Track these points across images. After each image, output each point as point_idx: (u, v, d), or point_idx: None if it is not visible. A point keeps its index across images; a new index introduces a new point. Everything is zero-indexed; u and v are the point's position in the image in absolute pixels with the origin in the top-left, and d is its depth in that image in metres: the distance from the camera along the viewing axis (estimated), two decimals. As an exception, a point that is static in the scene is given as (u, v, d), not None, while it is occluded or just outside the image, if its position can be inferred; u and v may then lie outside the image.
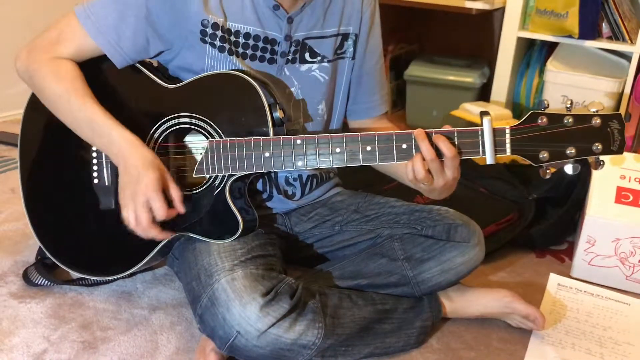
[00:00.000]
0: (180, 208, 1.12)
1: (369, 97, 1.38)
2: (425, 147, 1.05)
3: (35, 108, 1.26)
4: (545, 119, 1.03)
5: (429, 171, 1.06)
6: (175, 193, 1.12)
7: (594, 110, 1.02)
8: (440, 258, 1.26)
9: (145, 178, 1.08)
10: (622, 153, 1.03)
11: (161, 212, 1.09)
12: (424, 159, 1.05)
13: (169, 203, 1.11)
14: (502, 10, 2.33)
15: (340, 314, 1.17)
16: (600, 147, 1.02)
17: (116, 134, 1.12)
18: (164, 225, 1.13)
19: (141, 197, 1.09)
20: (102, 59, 1.18)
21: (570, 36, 2.15)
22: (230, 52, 1.18)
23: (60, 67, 1.15)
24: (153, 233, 1.12)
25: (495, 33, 2.38)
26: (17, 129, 1.29)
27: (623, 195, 1.53)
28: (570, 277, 1.55)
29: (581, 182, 1.66)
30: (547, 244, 1.70)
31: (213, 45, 1.17)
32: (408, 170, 1.08)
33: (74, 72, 1.16)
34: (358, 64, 1.33)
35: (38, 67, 1.15)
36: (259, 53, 1.21)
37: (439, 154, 1.05)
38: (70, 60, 1.17)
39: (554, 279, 1.52)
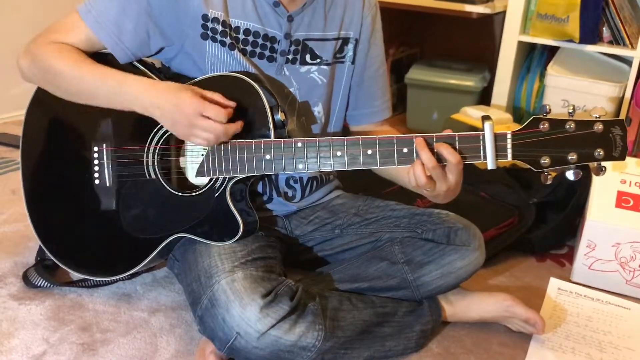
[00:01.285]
0: (227, 102, 1.10)
1: (370, 102, 1.38)
2: (425, 155, 1.05)
3: (37, 109, 1.26)
4: (547, 124, 1.03)
5: (430, 177, 1.06)
6: (211, 96, 1.10)
7: (596, 115, 1.01)
8: (440, 262, 1.26)
9: (184, 99, 1.07)
10: (624, 159, 1.02)
11: (221, 113, 1.06)
12: (424, 166, 1.05)
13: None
14: (503, 14, 2.34)
15: (340, 317, 1.17)
16: (602, 153, 1.02)
17: (135, 85, 1.11)
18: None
19: (196, 116, 1.07)
20: (104, 59, 1.18)
21: (571, 40, 2.15)
22: (232, 47, 1.18)
23: (63, 47, 1.16)
24: (232, 130, 1.09)
25: (496, 37, 2.38)
26: (18, 130, 1.29)
27: (624, 200, 1.53)
28: (570, 281, 1.55)
29: (582, 186, 1.66)
30: (547, 248, 1.70)
31: (214, 40, 1.17)
32: (410, 177, 1.08)
33: (75, 49, 1.17)
34: (359, 69, 1.33)
35: (40, 53, 1.16)
36: (258, 50, 1.21)
37: (440, 159, 1.05)
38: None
39: (554, 283, 1.51)
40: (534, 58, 2.46)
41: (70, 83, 1.15)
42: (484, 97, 2.52)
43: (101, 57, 1.19)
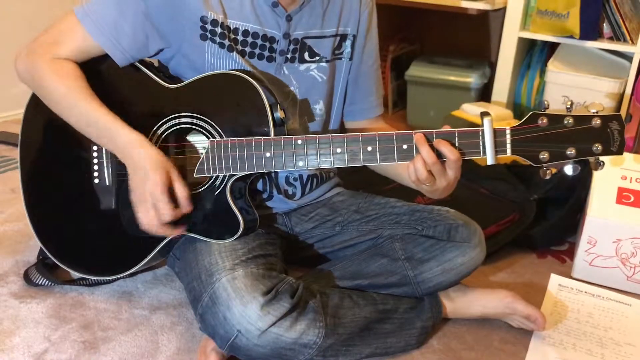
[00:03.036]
0: (185, 207, 1.13)
1: (365, 97, 1.38)
2: (425, 151, 1.05)
3: (36, 108, 1.26)
4: (545, 120, 1.03)
5: (430, 172, 1.06)
6: (180, 192, 1.12)
7: (594, 111, 1.02)
8: (441, 258, 1.26)
9: (151, 180, 1.09)
10: (622, 154, 1.03)
11: (167, 214, 1.10)
12: (424, 161, 1.05)
13: (176, 202, 1.12)
14: (503, 10, 2.33)
15: (341, 314, 1.17)
16: (600, 147, 1.02)
17: (122, 134, 1.12)
18: (175, 222, 1.14)
19: (148, 198, 1.10)
20: (103, 59, 1.18)
21: (571, 36, 2.15)
22: (230, 49, 1.18)
23: (62, 67, 1.15)
24: (163, 231, 1.13)
25: (496, 33, 2.38)
26: (17, 129, 1.29)
27: (624, 196, 1.53)
28: (571, 277, 1.55)
29: (582, 182, 1.66)
30: (548, 245, 1.70)
31: (213, 41, 1.17)
32: (410, 172, 1.08)
33: (75, 72, 1.16)
34: (355, 64, 1.33)
35: (39, 68, 1.15)
36: (257, 51, 1.21)
37: (439, 154, 1.05)
38: (71, 61, 1.17)
39: (554, 280, 1.52)
40: (534, 54, 2.45)
41: (61, 110, 1.17)
42: (484, 93, 2.51)
43: (100, 58, 1.18)
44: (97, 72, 1.20)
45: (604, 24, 2.16)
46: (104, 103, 1.15)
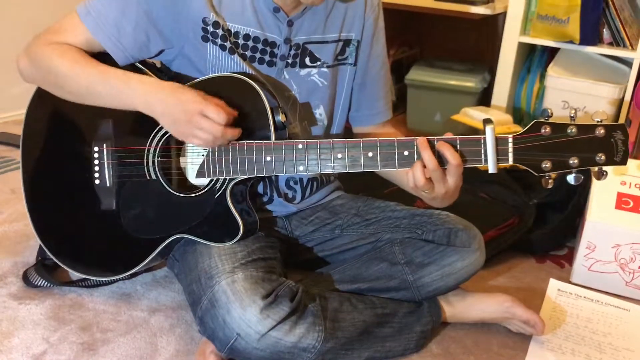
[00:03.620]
0: (228, 109, 1.09)
1: (372, 103, 1.38)
2: (427, 156, 1.04)
3: (37, 109, 1.26)
4: (548, 129, 1.02)
5: (429, 179, 1.06)
6: (214, 99, 1.10)
7: (598, 119, 1.01)
8: (440, 263, 1.26)
9: (186, 96, 1.07)
10: (625, 164, 1.01)
11: (221, 115, 1.06)
12: (424, 167, 1.05)
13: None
14: (503, 15, 2.34)
15: (340, 318, 1.17)
16: (603, 157, 1.01)
17: (137, 84, 1.11)
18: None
19: (197, 117, 1.07)
20: (104, 60, 1.18)
21: (571, 42, 2.15)
22: (232, 51, 1.18)
23: (64, 47, 1.15)
24: (230, 134, 1.10)
25: (496, 38, 2.38)
26: (18, 130, 1.29)
27: (623, 201, 1.53)
28: (570, 282, 1.55)
29: (582, 187, 1.66)
30: (547, 249, 1.70)
31: (214, 43, 1.17)
32: (409, 178, 1.08)
33: (76, 48, 1.16)
34: (361, 70, 1.33)
35: (41, 53, 1.15)
36: (258, 55, 1.21)
37: (441, 161, 1.05)
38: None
39: (553, 285, 1.52)
40: (534, 59, 2.46)
41: (72, 82, 1.15)
42: (484, 97, 2.52)
43: (101, 58, 1.18)
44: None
45: (604, 30, 2.16)
46: (107, 106, 1.15)
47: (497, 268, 1.60)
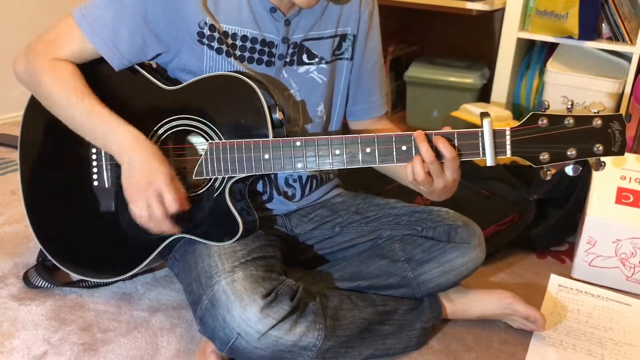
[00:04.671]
0: (185, 205, 1.12)
1: (368, 97, 1.38)
2: (424, 148, 1.05)
3: (35, 110, 1.26)
4: (545, 120, 1.03)
5: (428, 173, 1.06)
6: (180, 187, 1.11)
7: (595, 111, 1.02)
8: (440, 259, 1.26)
9: (158, 171, 1.08)
10: (623, 154, 1.02)
11: (175, 204, 1.08)
12: (423, 161, 1.05)
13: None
14: (502, 11, 2.33)
15: (341, 316, 1.17)
16: (601, 148, 1.02)
17: (121, 130, 1.11)
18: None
19: (153, 190, 1.08)
20: (101, 62, 1.18)
21: (570, 37, 2.15)
22: (228, 54, 1.18)
23: (60, 68, 1.15)
24: (166, 226, 1.11)
25: (495, 34, 2.38)
26: (17, 131, 1.29)
27: (623, 196, 1.53)
28: (570, 278, 1.55)
29: (582, 182, 1.66)
30: (547, 245, 1.69)
31: (210, 47, 1.17)
32: (408, 172, 1.08)
33: (73, 73, 1.16)
34: (357, 64, 1.33)
35: (37, 67, 1.15)
36: (256, 55, 1.21)
37: (438, 155, 1.05)
38: (70, 62, 1.17)
39: (554, 280, 1.52)
40: (533, 55, 2.45)
41: (60, 111, 1.16)
42: (483, 94, 2.51)
43: (98, 63, 1.18)
44: (95, 74, 1.19)
45: (603, 24, 2.16)
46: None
47: (497, 264, 1.59)
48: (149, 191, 1.08)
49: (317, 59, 1.26)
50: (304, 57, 1.25)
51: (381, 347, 1.21)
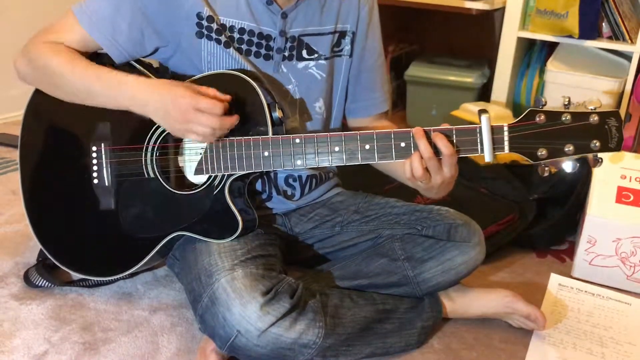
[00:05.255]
0: (222, 95, 1.09)
1: (368, 94, 1.37)
2: (423, 145, 1.05)
3: (36, 110, 1.26)
4: (543, 117, 1.03)
5: (426, 169, 1.06)
6: (206, 90, 1.09)
7: (591, 107, 1.02)
8: (440, 258, 1.26)
9: (178, 93, 1.07)
10: (620, 150, 1.03)
11: (216, 106, 1.06)
12: (421, 157, 1.05)
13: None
14: (502, 10, 2.33)
15: (341, 314, 1.17)
16: (598, 144, 1.02)
17: (126, 79, 1.12)
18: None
19: (190, 110, 1.06)
20: (101, 59, 1.18)
21: (570, 36, 2.15)
22: (227, 45, 1.18)
23: (58, 46, 1.16)
24: (227, 122, 1.08)
25: (495, 33, 2.38)
26: (17, 131, 1.30)
27: (624, 195, 1.53)
28: (571, 277, 1.55)
29: (582, 182, 1.66)
30: (547, 244, 1.69)
31: (209, 38, 1.17)
32: (406, 169, 1.08)
33: (71, 50, 1.17)
34: (356, 61, 1.33)
35: (36, 51, 1.16)
36: (254, 48, 1.21)
37: (437, 152, 1.05)
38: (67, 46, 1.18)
39: (554, 279, 1.51)
40: (534, 54, 2.45)
41: (67, 82, 1.15)
42: (483, 93, 2.51)
43: (98, 58, 1.18)
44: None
45: (603, 24, 2.16)
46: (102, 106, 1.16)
47: (497, 263, 1.59)
48: (189, 116, 1.06)
49: (316, 55, 1.26)
50: (304, 53, 1.25)
51: (381, 345, 1.21)
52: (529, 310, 1.28)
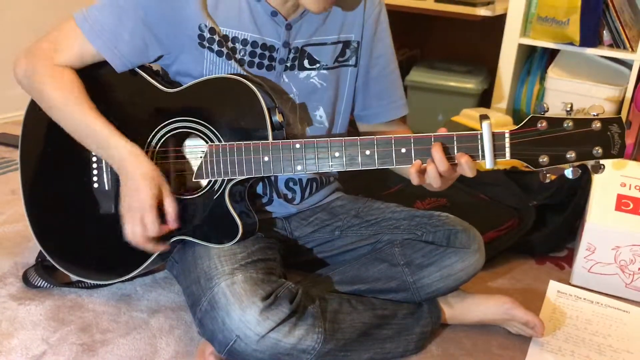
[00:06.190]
0: (172, 224, 1.14)
1: (377, 102, 1.36)
2: (438, 157, 1.05)
3: (36, 110, 1.26)
4: (545, 123, 1.03)
5: (440, 175, 1.07)
6: (170, 208, 1.13)
7: (594, 113, 1.02)
8: (440, 264, 1.26)
9: (142, 192, 1.10)
10: (622, 157, 1.02)
11: (153, 229, 1.11)
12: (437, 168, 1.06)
13: (163, 218, 1.13)
14: (503, 17, 2.34)
15: (340, 319, 1.17)
16: (600, 151, 1.02)
17: (116, 144, 1.13)
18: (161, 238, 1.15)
19: (136, 211, 1.11)
20: (102, 64, 1.18)
21: (571, 43, 2.15)
22: (229, 57, 1.18)
23: (60, 75, 1.16)
24: (148, 247, 1.15)
25: (496, 40, 2.39)
26: (18, 131, 1.30)
27: (623, 203, 1.53)
28: (569, 284, 1.55)
29: (582, 189, 1.66)
30: (547, 251, 1.69)
31: (211, 50, 1.17)
32: (412, 175, 1.08)
33: (73, 80, 1.16)
34: (363, 71, 1.32)
35: (38, 74, 1.16)
36: (257, 60, 1.21)
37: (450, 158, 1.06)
38: (70, 68, 1.17)
39: (553, 286, 1.51)
40: (534, 61, 2.46)
41: (60, 118, 1.17)
42: (484, 99, 2.52)
43: (99, 65, 1.18)
44: (95, 76, 1.20)
45: (604, 31, 2.17)
46: (101, 108, 1.16)
47: (496, 269, 1.59)
48: (133, 211, 1.12)
49: (318, 65, 1.26)
50: (306, 63, 1.25)
51: (380, 351, 1.21)
52: (528, 317, 1.28)
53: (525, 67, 2.47)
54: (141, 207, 1.11)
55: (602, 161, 1.03)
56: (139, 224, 1.11)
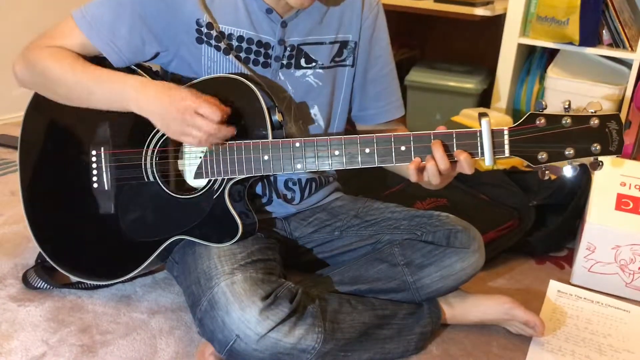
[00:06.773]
0: (222, 106, 1.09)
1: (375, 103, 1.36)
2: (439, 155, 1.06)
3: (36, 111, 1.26)
4: (543, 120, 1.03)
5: (440, 172, 1.07)
6: (207, 97, 1.09)
7: (592, 110, 1.02)
8: (440, 264, 1.26)
9: (177, 95, 1.08)
10: (620, 153, 1.03)
11: (215, 112, 1.06)
12: (437, 165, 1.06)
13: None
14: (503, 16, 2.34)
15: (340, 319, 1.17)
16: (598, 147, 1.02)
17: (129, 80, 1.12)
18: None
19: (189, 112, 1.06)
20: (102, 64, 1.18)
21: (570, 43, 2.15)
22: (226, 52, 1.18)
23: (57, 49, 1.16)
24: (223, 132, 1.09)
25: (496, 39, 2.39)
26: (17, 132, 1.29)
27: (623, 203, 1.53)
28: (570, 283, 1.55)
29: (581, 189, 1.66)
30: (547, 251, 1.69)
31: (209, 45, 1.17)
32: (411, 172, 1.08)
33: (71, 53, 1.17)
34: (360, 71, 1.32)
35: (35, 55, 1.16)
36: (252, 56, 1.21)
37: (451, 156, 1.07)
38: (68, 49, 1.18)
39: (553, 286, 1.51)
40: (534, 60, 2.46)
41: (66, 85, 1.16)
42: (483, 99, 2.52)
43: (98, 62, 1.18)
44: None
45: (604, 31, 2.17)
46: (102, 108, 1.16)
47: (496, 269, 1.59)
48: (187, 118, 1.07)
49: (314, 64, 1.26)
50: (302, 61, 1.25)
51: (380, 351, 1.21)
52: (528, 317, 1.28)
53: (525, 67, 2.47)
54: (191, 105, 1.06)
55: (600, 158, 1.03)
56: (200, 120, 1.06)
